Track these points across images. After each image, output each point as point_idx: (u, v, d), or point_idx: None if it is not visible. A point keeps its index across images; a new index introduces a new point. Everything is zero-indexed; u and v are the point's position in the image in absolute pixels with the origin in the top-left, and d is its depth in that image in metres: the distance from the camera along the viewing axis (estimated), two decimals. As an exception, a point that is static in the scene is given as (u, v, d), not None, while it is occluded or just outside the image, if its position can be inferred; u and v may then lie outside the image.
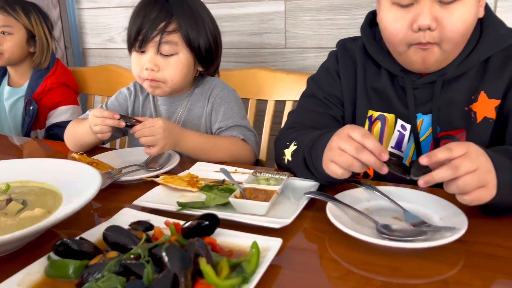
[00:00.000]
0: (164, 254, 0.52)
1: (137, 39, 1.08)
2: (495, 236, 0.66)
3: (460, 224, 0.63)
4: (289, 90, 1.41)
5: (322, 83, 1.02)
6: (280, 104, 1.44)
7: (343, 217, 0.70)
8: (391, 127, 0.94)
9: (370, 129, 0.96)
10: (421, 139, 0.91)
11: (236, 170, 0.92)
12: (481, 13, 0.85)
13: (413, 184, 0.84)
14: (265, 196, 0.75)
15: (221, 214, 0.70)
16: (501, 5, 1.34)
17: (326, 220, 0.68)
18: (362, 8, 1.48)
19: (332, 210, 0.70)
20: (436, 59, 0.83)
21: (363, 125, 0.96)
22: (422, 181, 0.63)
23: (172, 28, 1.07)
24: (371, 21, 0.98)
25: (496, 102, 0.85)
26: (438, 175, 0.62)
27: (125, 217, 0.70)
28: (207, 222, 0.62)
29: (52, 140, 1.41)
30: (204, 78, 1.21)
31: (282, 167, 0.94)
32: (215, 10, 1.70)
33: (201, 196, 0.80)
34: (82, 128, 1.09)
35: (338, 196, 0.76)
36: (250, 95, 1.47)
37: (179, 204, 0.74)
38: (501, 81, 0.84)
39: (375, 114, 0.95)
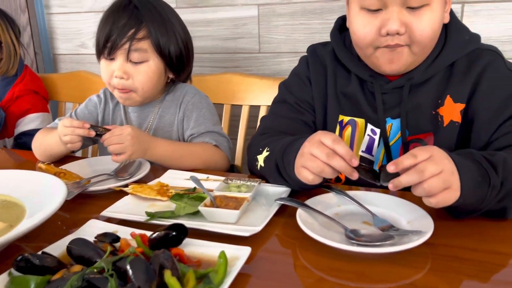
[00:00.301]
0: (128, 267, 0.51)
1: (106, 46, 1.06)
2: (460, 238, 0.67)
3: (426, 227, 0.64)
4: (263, 94, 1.41)
5: (293, 89, 1.02)
6: (254, 109, 1.44)
7: (313, 223, 0.70)
8: (361, 131, 0.95)
9: (341, 134, 0.97)
10: (390, 143, 0.92)
11: (208, 177, 0.91)
12: (447, 19, 0.87)
13: (384, 189, 0.85)
14: (235, 203, 0.74)
15: (191, 224, 0.70)
16: (467, 9, 1.38)
17: (297, 226, 0.68)
18: (333, 13, 1.50)
19: (302, 217, 0.70)
20: (405, 59, 0.84)
21: (334, 130, 0.97)
22: (391, 185, 0.65)
23: (141, 35, 1.06)
24: (341, 26, 0.99)
25: (461, 106, 0.87)
26: (404, 180, 0.63)
27: (91, 229, 0.68)
28: (174, 233, 0.61)
29: (21, 150, 1.37)
30: (175, 85, 1.20)
31: (255, 173, 0.94)
32: (188, 15, 1.72)
33: (171, 205, 0.79)
34: (50, 138, 1.06)
35: (309, 201, 0.76)
36: (225, 100, 1.47)
37: (148, 214, 0.73)
38: (465, 86, 0.86)
39: (346, 119, 0.96)
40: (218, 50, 1.72)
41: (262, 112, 1.41)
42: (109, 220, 0.74)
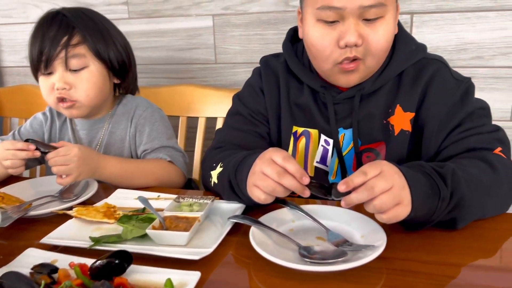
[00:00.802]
0: (62, 304, 0.47)
1: (41, 60, 1.01)
2: (413, 251, 0.67)
3: (379, 242, 0.64)
4: (220, 106, 1.39)
5: (246, 100, 1.01)
6: (211, 121, 1.41)
7: (266, 241, 0.68)
8: (315, 142, 0.94)
9: (295, 145, 0.96)
10: (344, 153, 0.92)
11: (159, 196, 0.87)
12: (396, 30, 0.89)
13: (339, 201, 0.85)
14: (186, 224, 0.71)
15: (138, 248, 0.66)
16: (416, 20, 1.42)
17: (252, 245, 0.66)
18: (288, 23, 1.50)
19: (255, 235, 0.68)
20: (360, 75, 0.85)
21: (288, 141, 0.96)
22: (343, 202, 0.64)
23: (76, 40, 1.02)
24: (292, 37, 0.98)
25: (411, 115, 0.88)
26: (355, 197, 0.62)
27: (29, 259, 0.63)
28: (117, 261, 0.57)
29: None
30: (125, 97, 1.16)
31: (209, 189, 0.91)
32: (141, 25, 1.68)
33: (119, 228, 0.74)
34: None
35: (263, 218, 0.74)
36: (180, 112, 1.43)
37: (92, 239, 0.69)
38: (414, 95, 0.88)
39: (300, 130, 0.96)
40: (173, 61, 1.69)
41: (219, 124, 1.38)
42: (51, 247, 0.69)
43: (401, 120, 0.89)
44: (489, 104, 0.88)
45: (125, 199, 0.87)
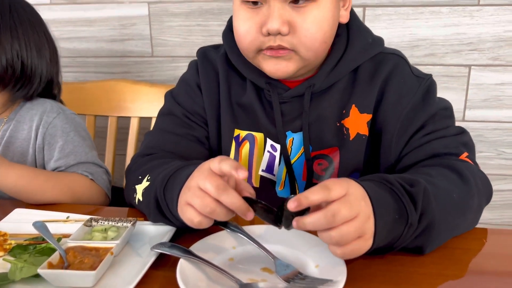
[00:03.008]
0: None
1: None
2: (377, 283, 0.55)
3: (337, 274, 0.52)
4: (155, 104, 1.21)
5: (181, 98, 0.86)
6: (145, 121, 1.25)
7: (199, 276, 0.54)
8: (260, 147, 0.82)
9: (237, 151, 0.83)
10: (292, 160, 0.80)
11: (68, 217, 0.70)
12: (345, 19, 0.77)
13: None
14: (94, 258, 0.55)
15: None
16: (368, 13, 1.34)
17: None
18: (231, 14, 1.36)
19: (184, 270, 0.54)
20: (292, 66, 0.73)
21: (229, 147, 0.83)
22: (294, 223, 0.51)
23: None
24: None
25: (368, 116, 0.78)
26: (311, 223, 0.50)
27: None
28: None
29: None
30: (30, 101, 0.95)
31: (134, 207, 0.75)
32: (66, 12, 1.47)
33: (6, 265, 0.57)
34: None
35: (197, 244, 0.60)
36: (109, 112, 1.25)
37: (-37, 284, 0.51)
38: (371, 94, 0.77)
39: (243, 133, 0.83)
40: (104, 53, 1.50)
41: (155, 125, 1.22)
42: None
43: (357, 123, 0.78)
44: (443, 103, 0.80)
45: (25, 222, 0.69)
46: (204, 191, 0.54)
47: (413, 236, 0.57)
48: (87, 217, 0.67)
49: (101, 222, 0.64)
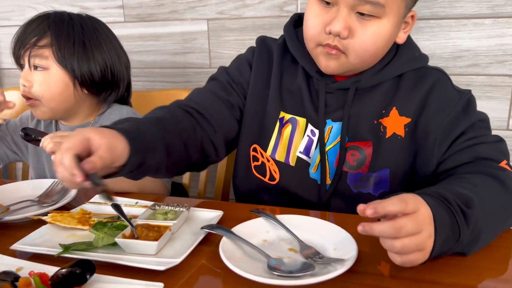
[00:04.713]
0: (13, 315, 0.46)
1: (15, 54, 1.07)
2: (384, 265, 0.65)
3: (350, 255, 0.62)
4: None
5: (230, 70, 0.98)
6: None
7: (237, 252, 0.67)
8: (301, 131, 0.91)
9: (280, 132, 0.92)
10: (328, 147, 0.88)
11: (137, 203, 0.87)
12: (401, 40, 0.85)
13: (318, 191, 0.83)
14: (157, 234, 0.70)
15: (106, 257, 0.65)
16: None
17: (221, 256, 0.65)
18: (281, 29, 1.48)
19: (226, 246, 0.67)
20: (340, 65, 0.82)
21: (273, 126, 0.93)
22: (360, 227, 0.56)
23: (44, 43, 1.05)
24: (296, 22, 0.96)
25: (407, 120, 0.85)
26: (378, 230, 0.56)
27: (-5, 266, 0.63)
28: (78, 271, 0.56)
29: None
30: (111, 107, 1.15)
31: None
32: (137, 29, 1.68)
33: (91, 235, 0.74)
34: None
35: (238, 228, 0.73)
36: (172, 117, 1.43)
37: (62, 246, 0.68)
38: (412, 100, 0.85)
39: (287, 116, 0.92)
40: (168, 64, 1.68)
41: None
42: (21, 254, 0.69)
43: (395, 124, 0.85)
44: (486, 112, 0.86)
45: (102, 205, 0.86)
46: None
47: (458, 249, 0.64)
48: (151, 203, 0.83)
49: (163, 207, 0.79)
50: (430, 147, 0.83)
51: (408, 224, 0.55)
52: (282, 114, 0.93)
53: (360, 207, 0.55)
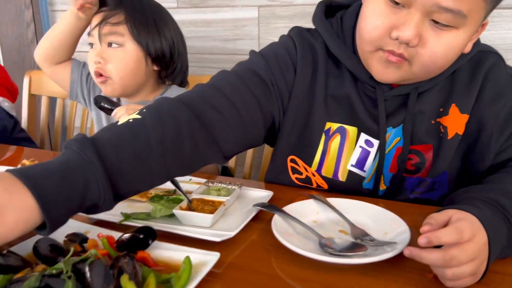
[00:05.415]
0: (86, 269, 0.50)
1: (89, 32, 1.11)
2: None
3: (402, 240, 0.62)
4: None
5: (271, 62, 0.81)
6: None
7: (288, 230, 0.69)
8: (352, 142, 0.82)
9: (326, 145, 0.83)
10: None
11: (190, 179, 0.90)
12: (469, 48, 0.75)
13: (369, 197, 0.84)
14: (212, 208, 0.73)
15: (164, 226, 0.69)
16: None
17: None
18: (333, 16, 1.48)
19: (277, 223, 0.69)
20: (399, 75, 0.73)
21: (318, 138, 0.83)
22: (407, 251, 0.55)
23: (117, 19, 1.08)
24: (325, 12, 0.85)
25: (466, 117, 0.78)
26: (427, 259, 0.54)
27: (64, 228, 0.68)
28: (141, 236, 0.60)
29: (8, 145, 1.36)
30: (170, 88, 1.19)
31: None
32: (189, 15, 1.72)
33: (149, 207, 0.78)
34: (59, 22, 1.16)
35: (288, 207, 0.74)
36: (220, 102, 1.46)
37: (123, 215, 0.72)
38: (471, 94, 0.78)
39: (334, 126, 0.83)
40: (217, 51, 1.72)
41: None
42: (87, 219, 0.74)
43: (456, 122, 0.78)
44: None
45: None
46: None
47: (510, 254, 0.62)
48: (204, 180, 0.87)
49: (216, 184, 0.82)
50: (485, 141, 0.77)
51: (460, 255, 0.53)
52: (328, 125, 0.83)
53: (419, 240, 0.53)
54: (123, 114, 0.85)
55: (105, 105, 1.01)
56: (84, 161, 0.54)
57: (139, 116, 0.64)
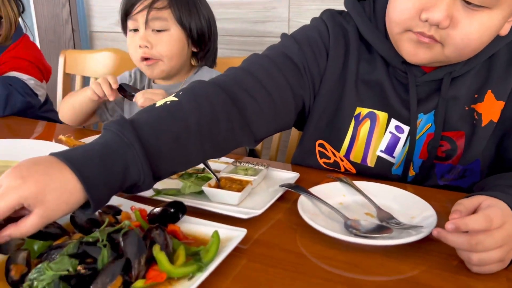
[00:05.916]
0: (121, 239, 0.52)
1: (128, 15, 1.11)
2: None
3: (429, 225, 0.62)
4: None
5: (305, 48, 0.81)
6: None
7: (314, 210, 0.70)
8: (382, 127, 0.81)
9: (356, 130, 0.83)
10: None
11: (219, 158, 0.92)
12: (505, 32, 0.72)
13: (395, 181, 0.83)
14: (239, 186, 0.75)
15: (193, 202, 0.71)
16: None
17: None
18: (365, -1, 1.45)
19: (303, 203, 0.70)
20: (431, 57, 0.71)
21: (347, 124, 0.83)
22: (435, 232, 0.55)
23: (161, 4, 1.10)
24: None
25: (502, 104, 0.76)
26: (452, 241, 0.54)
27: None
28: (172, 210, 0.62)
29: (43, 120, 1.40)
30: (201, 69, 1.21)
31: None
32: (219, -4, 1.72)
33: (179, 184, 0.80)
34: (80, 93, 1.16)
35: (314, 189, 0.75)
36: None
37: (154, 190, 0.75)
38: (508, 81, 0.76)
39: (364, 111, 0.82)
40: (247, 33, 1.72)
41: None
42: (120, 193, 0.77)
43: (492, 109, 0.76)
44: None
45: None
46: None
47: None
48: (232, 160, 0.88)
49: (243, 164, 0.84)
50: None
51: (487, 240, 0.52)
52: (358, 110, 0.82)
53: (447, 226, 0.53)
54: (141, 98, 0.96)
55: (127, 92, 1.07)
56: (124, 143, 0.56)
57: (176, 99, 0.65)
